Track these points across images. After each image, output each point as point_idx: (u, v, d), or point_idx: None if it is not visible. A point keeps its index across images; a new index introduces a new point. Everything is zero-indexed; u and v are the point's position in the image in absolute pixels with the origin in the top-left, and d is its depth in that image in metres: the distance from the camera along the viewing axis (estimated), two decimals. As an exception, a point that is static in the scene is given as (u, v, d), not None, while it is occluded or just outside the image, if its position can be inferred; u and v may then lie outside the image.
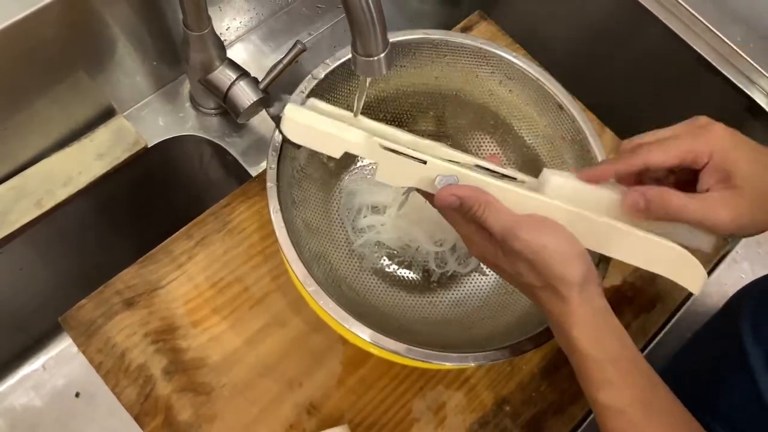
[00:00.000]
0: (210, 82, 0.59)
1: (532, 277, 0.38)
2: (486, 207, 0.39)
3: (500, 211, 0.39)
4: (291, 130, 0.43)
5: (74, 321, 0.54)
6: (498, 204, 0.39)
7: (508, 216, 0.39)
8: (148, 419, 0.52)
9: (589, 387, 0.38)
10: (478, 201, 0.39)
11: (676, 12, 0.69)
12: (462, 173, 0.41)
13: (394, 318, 0.54)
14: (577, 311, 0.38)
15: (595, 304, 0.38)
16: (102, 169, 0.60)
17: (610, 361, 0.37)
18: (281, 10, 0.74)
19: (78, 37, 0.54)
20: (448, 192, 0.40)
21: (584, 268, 0.38)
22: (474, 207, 0.39)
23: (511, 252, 0.39)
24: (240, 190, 0.61)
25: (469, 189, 0.40)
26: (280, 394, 0.54)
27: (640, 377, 0.38)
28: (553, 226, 0.39)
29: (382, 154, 0.42)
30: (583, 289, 0.38)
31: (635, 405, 0.37)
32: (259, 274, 0.58)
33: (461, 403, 0.56)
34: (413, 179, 0.42)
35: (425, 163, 0.41)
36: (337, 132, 0.42)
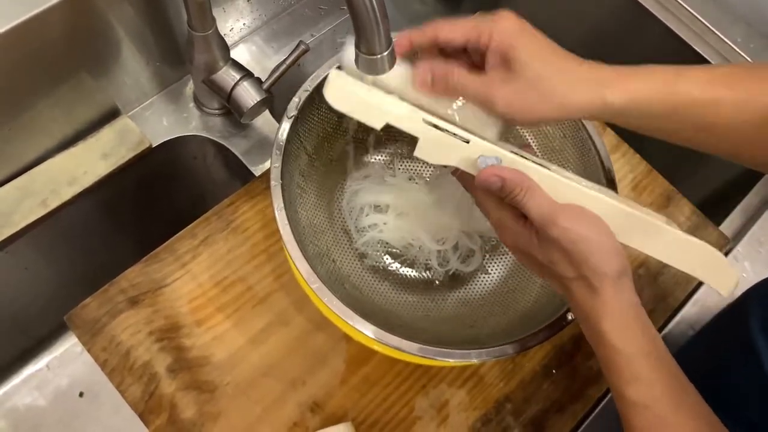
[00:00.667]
0: (214, 83, 0.60)
1: (565, 267, 0.38)
2: (528, 191, 0.39)
3: (541, 197, 0.39)
4: (334, 96, 0.41)
5: (79, 319, 0.55)
6: (540, 190, 0.39)
7: (548, 203, 0.38)
8: (152, 417, 0.52)
9: (617, 381, 0.38)
10: (521, 185, 0.39)
11: (677, 12, 0.69)
12: (505, 155, 0.41)
13: (397, 316, 0.54)
14: (609, 304, 0.37)
15: (628, 298, 0.38)
16: (107, 169, 0.60)
17: (640, 356, 0.37)
18: (284, 12, 0.74)
19: (82, 39, 0.54)
20: (492, 172, 0.39)
21: (620, 262, 0.38)
22: (515, 190, 0.39)
23: (547, 240, 0.38)
24: (243, 190, 0.61)
25: (512, 171, 0.39)
26: (284, 393, 0.55)
27: (669, 374, 0.38)
28: (593, 218, 0.39)
29: (424, 130, 0.41)
30: (617, 283, 0.38)
31: (663, 401, 0.37)
32: (263, 273, 0.58)
33: (464, 401, 0.57)
34: (454, 158, 0.42)
35: (468, 143, 0.41)
36: (381, 102, 0.41)
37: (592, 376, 0.59)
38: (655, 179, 0.68)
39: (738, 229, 0.67)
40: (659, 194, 0.68)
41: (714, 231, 0.66)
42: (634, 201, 0.44)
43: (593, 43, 0.80)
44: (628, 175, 0.68)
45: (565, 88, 0.39)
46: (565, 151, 0.56)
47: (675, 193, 0.68)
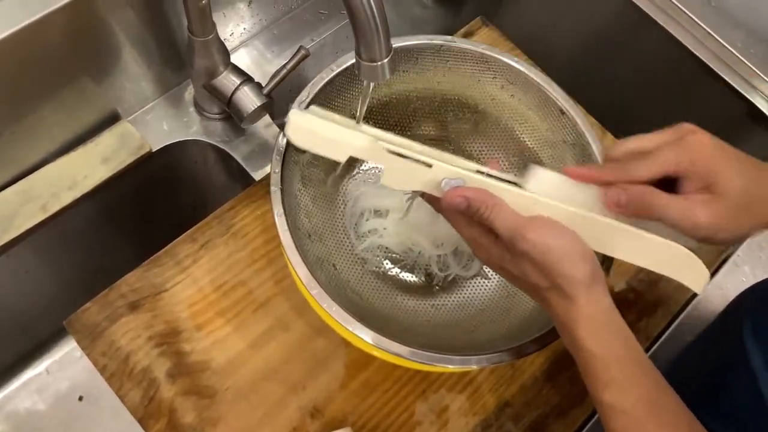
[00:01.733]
0: (214, 87, 0.60)
1: (538, 277, 0.39)
2: (493, 208, 0.39)
3: (507, 213, 0.39)
4: (296, 135, 0.43)
5: (79, 324, 0.55)
6: (505, 206, 0.40)
7: (514, 217, 0.39)
8: (152, 422, 0.52)
9: (594, 386, 0.38)
10: (486, 203, 0.39)
11: (677, 17, 0.69)
12: (467, 176, 0.41)
13: (397, 321, 0.54)
14: (583, 310, 0.38)
15: (602, 303, 0.39)
16: (107, 173, 0.61)
17: (616, 361, 0.38)
18: (284, 16, 0.74)
19: (84, 43, 0.54)
20: (456, 194, 0.40)
21: (591, 267, 0.38)
22: (481, 209, 0.40)
23: (517, 253, 0.39)
24: (244, 194, 0.61)
25: (476, 191, 0.40)
26: (284, 398, 0.55)
27: (645, 377, 0.38)
28: (559, 227, 0.39)
29: (387, 158, 0.42)
30: (590, 289, 0.38)
31: (640, 405, 0.37)
32: (263, 277, 0.58)
33: (464, 407, 0.57)
34: (419, 183, 0.42)
35: (431, 167, 0.42)
36: (341, 137, 0.42)
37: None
38: (655, 184, 0.68)
39: (737, 240, 0.67)
40: (659, 199, 0.68)
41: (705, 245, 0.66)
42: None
43: (593, 48, 0.80)
44: (629, 180, 0.68)
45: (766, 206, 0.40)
46: (565, 156, 0.56)
47: (675, 198, 0.68)
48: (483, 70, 0.57)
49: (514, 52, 0.72)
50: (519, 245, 0.38)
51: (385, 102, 0.59)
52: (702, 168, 0.39)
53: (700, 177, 0.39)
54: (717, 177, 0.39)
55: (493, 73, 0.57)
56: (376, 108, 0.59)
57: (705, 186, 0.39)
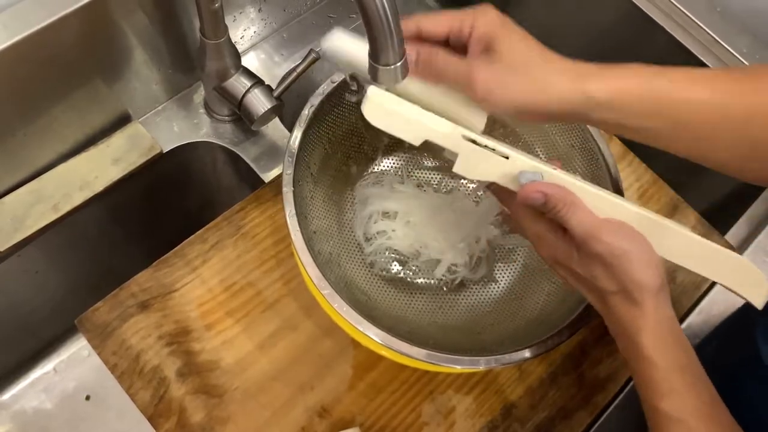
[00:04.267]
0: (225, 90, 0.61)
1: (607, 280, 0.38)
2: (571, 207, 0.39)
3: (584, 212, 0.39)
4: (373, 114, 0.42)
5: (90, 323, 0.55)
6: (582, 205, 0.39)
7: (590, 218, 0.39)
8: (161, 421, 0.53)
9: (651, 395, 0.38)
10: (564, 200, 0.39)
11: (683, 23, 0.70)
12: (546, 171, 0.41)
13: (405, 322, 0.55)
14: (650, 318, 0.38)
15: (667, 312, 0.39)
16: (118, 174, 0.61)
17: (676, 371, 0.38)
18: (294, 20, 0.75)
19: (96, 46, 0.55)
20: (534, 188, 0.40)
21: (660, 276, 0.38)
22: (558, 205, 0.39)
23: (589, 254, 0.39)
24: (253, 196, 0.62)
25: (554, 187, 0.40)
26: (292, 398, 0.55)
27: (704, 390, 0.38)
28: (633, 232, 0.39)
29: (464, 146, 0.41)
30: (658, 297, 0.38)
31: (697, 416, 0.37)
32: (272, 278, 0.59)
33: (470, 408, 0.57)
34: (494, 174, 0.42)
35: (508, 158, 0.41)
36: (422, 119, 0.42)
37: (599, 383, 0.59)
38: (660, 188, 0.69)
39: (744, 238, 0.67)
40: (665, 203, 0.68)
41: (720, 240, 0.66)
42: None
43: (598, 53, 0.81)
44: (635, 184, 0.69)
45: (547, 75, 0.39)
46: (573, 160, 0.56)
47: (681, 201, 0.68)
48: (491, 74, 0.57)
49: (521, 57, 0.72)
50: (593, 246, 0.38)
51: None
52: (482, 32, 0.40)
53: (481, 37, 0.40)
54: (497, 41, 0.39)
55: (501, 77, 0.57)
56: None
57: (486, 47, 0.40)
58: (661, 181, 0.69)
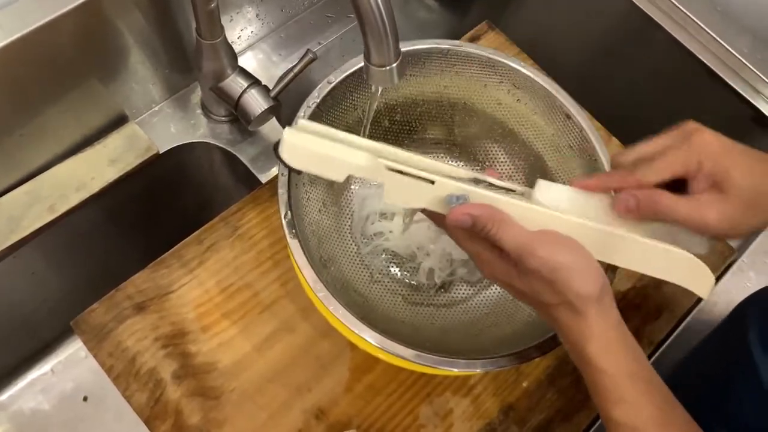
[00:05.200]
0: (222, 90, 0.60)
1: (548, 294, 0.38)
2: (500, 225, 0.38)
3: (514, 229, 0.38)
4: (291, 156, 0.40)
5: (86, 325, 0.55)
6: (511, 221, 0.39)
7: (522, 233, 0.38)
8: (157, 423, 0.53)
9: (603, 403, 0.38)
10: (492, 219, 0.38)
11: (683, 23, 0.70)
12: (472, 191, 0.40)
13: (402, 324, 0.54)
14: (594, 326, 0.37)
15: (611, 319, 0.38)
16: (114, 175, 0.61)
17: (626, 378, 0.37)
18: (291, 20, 0.75)
19: (92, 46, 0.55)
20: (461, 211, 0.39)
21: (601, 282, 0.38)
22: (488, 225, 0.39)
23: (526, 270, 0.38)
24: (250, 197, 0.61)
25: (481, 207, 0.39)
26: (289, 400, 0.55)
27: (656, 395, 0.38)
28: (568, 242, 0.39)
29: (388, 176, 0.40)
30: (600, 304, 0.38)
31: (650, 423, 0.37)
32: (269, 279, 0.58)
33: (468, 410, 0.57)
34: (422, 200, 0.41)
35: (433, 183, 0.40)
36: (340, 155, 0.40)
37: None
38: (660, 189, 0.68)
39: (744, 240, 0.67)
40: (664, 204, 0.68)
41: (719, 242, 0.66)
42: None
43: (599, 53, 0.81)
44: (634, 185, 0.68)
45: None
46: (571, 160, 0.56)
47: (680, 202, 0.68)
48: (489, 74, 0.57)
49: (520, 57, 0.72)
50: (528, 262, 0.38)
51: (392, 106, 0.59)
52: (709, 168, 0.39)
53: (707, 177, 0.39)
54: (724, 176, 0.39)
55: (499, 78, 0.57)
56: (383, 112, 0.59)
57: (713, 185, 0.39)
58: (661, 182, 0.69)
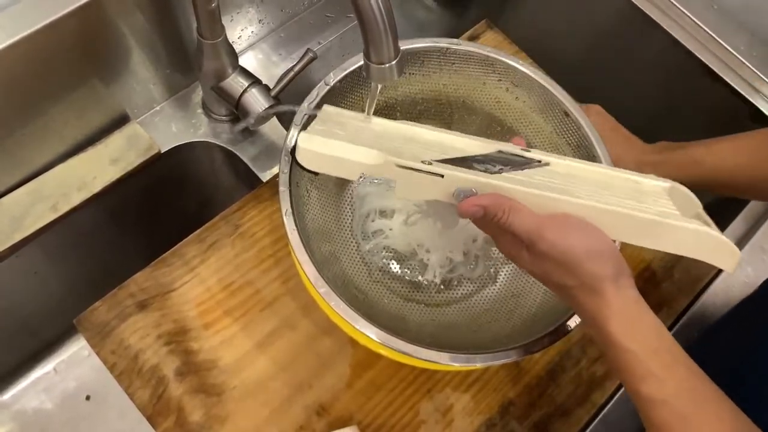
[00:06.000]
0: (223, 90, 0.61)
1: (563, 276, 0.39)
2: (510, 212, 0.39)
3: (524, 214, 0.39)
4: (307, 159, 0.43)
5: (88, 323, 0.55)
6: (521, 207, 0.39)
7: (532, 218, 0.39)
8: (160, 419, 0.53)
9: (630, 380, 0.38)
10: (502, 207, 0.39)
11: (680, 21, 0.70)
12: (480, 183, 0.41)
13: (402, 320, 0.55)
14: (613, 305, 0.38)
15: (630, 296, 0.38)
16: (116, 174, 0.61)
17: (651, 353, 0.37)
18: (291, 20, 0.75)
19: (94, 47, 0.55)
20: (470, 203, 0.40)
21: (615, 262, 0.38)
22: (498, 214, 0.39)
23: (538, 254, 0.39)
24: (251, 195, 0.62)
25: (490, 197, 0.40)
26: (290, 396, 0.55)
27: (681, 368, 0.38)
28: (578, 223, 0.39)
29: (399, 173, 0.42)
30: (617, 283, 0.38)
31: (681, 395, 0.37)
32: (270, 277, 0.59)
33: (468, 406, 0.57)
34: (432, 193, 0.42)
35: (443, 177, 0.41)
36: (352, 156, 0.42)
37: (597, 380, 0.59)
38: (658, 186, 0.69)
39: (742, 236, 0.67)
40: (663, 201, 0.68)
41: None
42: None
43: (597, 51, 0.81)
44: (632, 182, 0.69)
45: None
46: (570, 157, 0.56)
47: (678, 199, 0.68)
48: (488, 72, 0.57)
49: (519, 56, 0.72)
50: (538, 246, 0.38)
51: (391, 104, 0.60)
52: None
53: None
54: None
55: (498, 76, 0.57)
56: (383, 110, 0.60)
57: None
58: (659, 179, 0.69)
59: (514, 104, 0.58)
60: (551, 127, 0.57)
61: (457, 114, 0.61)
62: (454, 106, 0.60)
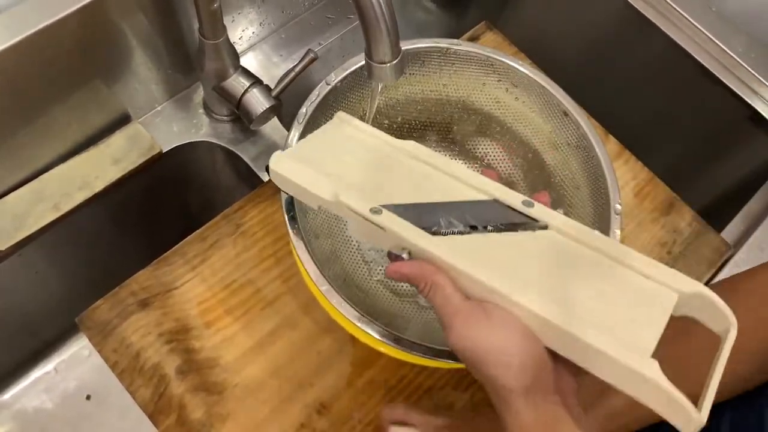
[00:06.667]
0: (224, 90, 0.61)
1: (476, 373, 0.35)
2: (432, 288, 0.37)
3: (444, 295, 0.36)
4: (277, 180, 0.44)
5: (90, 321, 0.56)
6: (444, 285, 0.36)
7: (450, 303, 0.36)
8: (162, 417, 0.53)
9: None
10: (424, 280, 0.37)
11: (678, 23, 0.71)
12: (417, 247, 0.38)
13: (403, 319, 0.55)
14: (521, 419, 0.33)
15: (544, 416, 0.33)
16: (118, 174, 0.62)
17: None
18: (292, 21, 0.76)
19: (96, 47, 0.55)
20: (394, 269, 0.38)
21: (531, 375, 0.33)
22: (420, 284, 0.37)
23: (453, 346, 0.35)
24: (252, 195, 0.62)
25: (414, 266, 0.38)
26: (291, 395, 0.55)
27: None
28: (503, 320, 0.35)
29: (350, 215, 0.41)
30: (527, 398, 0.33)
31: None
32: (271, 276, 0.59)
33: (468, 404, 0.57)
34: (379, 241, 0.41)
35: (385, 231, 0.40)
36: (311, 187, 0.42)
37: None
38: (657, 186, 0.69)
39: (739, 236, 0.67)
40: (661, 201, 0.69)
41: (715, 237, 0.67)
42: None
43: (596, 53, 0.82)
44: (630, 182, 0.69)
45: None
46: (569, 158, 0.57)
47: (676, 199, 0.69)
48: (488, 72, 0.58)
49: (518, 56, 0.73)
50: (448, 337, 0.35)
51: (392, 104, 0.60)
52: None
53: None
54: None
55: (498, 76, 0.58)
56: (383, 110, 0.60)
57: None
58: (657, 179, 0.69)
59: (514, 104, 0.59)
60: (550, 126, 0.58)
61: (456, 113, 0.61)
62: (454, 106, 0.61)
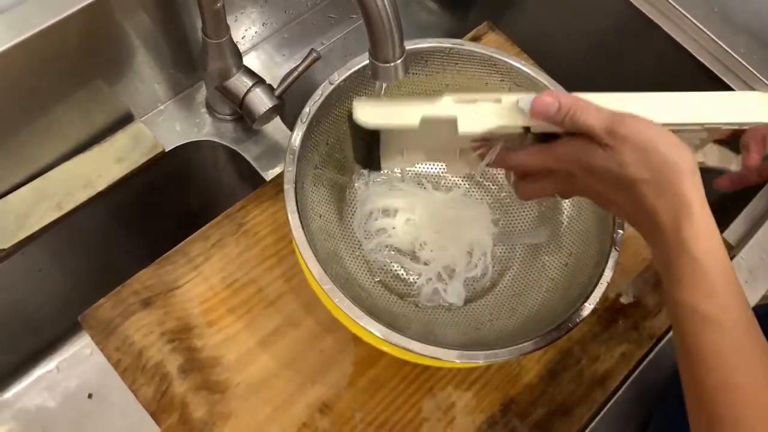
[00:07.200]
0: (227, 89, 0.61)
1: (638, 167, 0.36)
2: (585, 107, 0.38)
3: (599, 109, 0.38)
4: (365, 115, 0.44)
5: (93, 320, 0.56)
6: (595, 105, 0.39)
7: (608, 111, 0.38)
8: (164, 416, 0.53)
9: (689, 291, 0.35)
10: (577, 103, 0.38)
11: (681, 23, 0.71)
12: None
13: (405, 318, 0.55)
14: (694, 205, 0.35)
15: (706, 204, 0.36)
16: (120, 173, 0.62)
17: (721, 272, 0.35)
18: (294, 20, 0.76)
19: (99, 46, 0.56)
20: (545, 97, 0.39)
21: (691, 157, 0.36)
22: (573, 108, 0.38)
23: (617, 138, 0.37)
24: (254, 194, 0.62)
25: (563, 95, 0.39)
26: (293, 394, 0.56)
27: (744, 300, 0.36)
28: (650, 121, 0.38)
29: (458, 108, 0.43)
30: (694, 178, 0.36)
31: (739, 324, 0.35)
32: (273, 275, 0.59)
33: (470, 404, 0.57)
34: (494, 119, 0.43)
35: (500, 101, 0.43)
36: (410, 104, 0.43)
37: (598, 379, 0.59)
38: (659, 186, 0.69)
39: (742, 236, 0.67)
40: (663, 201, 0.68)
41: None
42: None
43: (598, 52, 0.82)
44: (633, 183, 0.69)
45: None
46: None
47: (679, 200, 0.69)
48: (491, 72, 0.58)
49: (521, 56, 0.73)
50: (620, 130, 0.37)
51: (394, 104, 0.60)
52: None
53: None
54: None
55: (500, 76, 0.58)
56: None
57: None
58: (660, 180, 0.69)
59: (516, 104, 0.59)
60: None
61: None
62: (457, 106, 0.61)
